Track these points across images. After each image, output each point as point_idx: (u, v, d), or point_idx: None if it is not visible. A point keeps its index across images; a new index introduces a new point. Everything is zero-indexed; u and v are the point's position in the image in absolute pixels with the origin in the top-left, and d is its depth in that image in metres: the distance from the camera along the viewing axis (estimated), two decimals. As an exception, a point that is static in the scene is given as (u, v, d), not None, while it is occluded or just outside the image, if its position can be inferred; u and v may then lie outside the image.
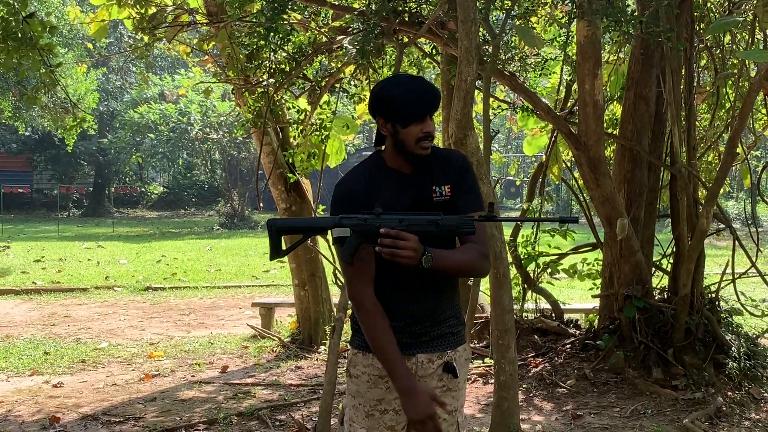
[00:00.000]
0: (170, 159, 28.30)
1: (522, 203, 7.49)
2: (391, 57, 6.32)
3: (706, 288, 5.95)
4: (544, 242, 7.08)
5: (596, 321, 6.33)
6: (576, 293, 9.90)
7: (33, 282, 11.72)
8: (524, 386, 5.61)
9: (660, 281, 6.20)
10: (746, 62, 6.17)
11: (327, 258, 6.45)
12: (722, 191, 6.37)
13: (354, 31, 5.44)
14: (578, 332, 6.49)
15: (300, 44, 5.90)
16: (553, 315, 6.90)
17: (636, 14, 5.01)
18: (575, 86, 5.81)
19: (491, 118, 5.62)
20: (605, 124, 5.86)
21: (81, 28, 14.36)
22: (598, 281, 6.41)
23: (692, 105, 5.75)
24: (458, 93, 4.14)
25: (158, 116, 24.12)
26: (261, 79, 6.01)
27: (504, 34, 5.43)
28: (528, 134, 7.48)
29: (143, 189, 34.41)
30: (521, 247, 6.85)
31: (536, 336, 6.51)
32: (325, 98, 6.30)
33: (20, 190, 29.42)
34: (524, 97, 5.85)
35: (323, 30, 5.92)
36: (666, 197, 6.21)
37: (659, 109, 5.85)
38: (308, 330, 7.21)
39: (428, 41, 6.20)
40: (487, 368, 5.97)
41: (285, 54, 5.83)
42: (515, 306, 6.41)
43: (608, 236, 5.73)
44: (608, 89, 6.58)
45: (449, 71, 6.00)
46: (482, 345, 6.52)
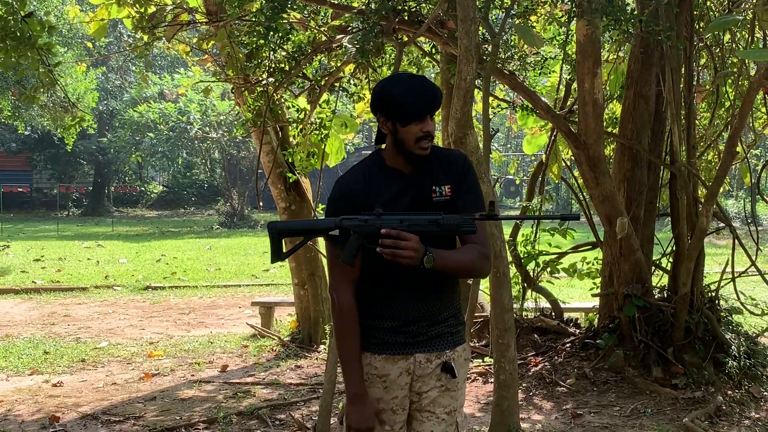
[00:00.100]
0: (170, 158, 28.33)
1: (522, 202, 7.49)
2: (391, 56, 6.32)
3: (706, 287, 5.96)
4: (544, 241, 7.08)
5: (596, 320, 6.33)
6: (576, 292, 9.90)
7: (33, 281, 11.72)
8: (524, 385, 5.61)
9: (660, 280, 6.21)
10: (746, 61, 6.17)
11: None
12: (722, 190, 6.37)
13: (353, 30, 5.44)
14: (578, 331, 6.50)
15: (299, 43, 5.90)
16: (553, 314, 6.91)
17: (635, 13, 5.01)
18: (575, 85, 5.82)
19: (491, 117, 5.62)
20: (605, 123, 5.86)
21: (80, 27, 14.36)
22: (598, 280, 6.41)
23: (692, 104, 5.74)
24: (458, 92, 4.13)
25: (158, 115, 24.12)
26: (260, 78, 6.00)
27: (503, 33, 5.43)
28: (528, 133, 7.48)
29: (143, 188, 34.42)
30: (521, 246, 6.85)
31: (536, 335, 6.51)
32: (325, 97, 6.30)
33: (20, 190, 29.46)
34: (524, 96, 5.85)
35: (323, 29, 5.91)
36: (666, 196, 6.21)
37: (659, 108, 5.85)
38: (308, 329, 7.21)
39: (428, 40, 6.20)
40: (487, 367, 5.98)
41: (284, 53, 5.83)
42: (515, 305, 6.41)
43: (608, 235, 5.73)
44: (608, 88, 6.58)
45: (449, 70, 6.00)
46: (482, 344, 6.52)
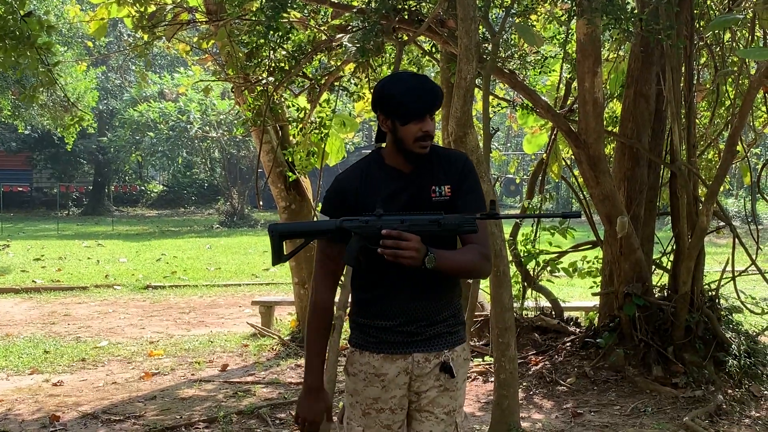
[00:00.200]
0: (170, 157, 28.34)
1: (522, 201, 7.49)
2: (391, 55, 6.32)
3: (706, 286, 5.96)
4: (544, 240, 7.07)
5: (596, 319, 6.33)
6: (576, 291, 9.90)
7: (33, 281, 11.72)
8: (524, 384, 5.61)
9: (660, 279, 6.21)
10: (746, 60, 6.17)
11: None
12: (722, 189, 6.37)
13: (353, 29, 5.44)
14: (578, 330, 6.50)
15: (299, 42, 5.90)
16: (553, 313, 6.91)
17: (636, 12, 5.01)
18: (575, 84, 5.81)
19: (491, 116, 5.62)
20: (605, 122, 5.86)
21: (80, 27, 14.36)
22: (598, 279, 6.41)
23: (692, 103, 5.74)
24: (458, 91, 4.13)
25: (158, 115, 24.13)
26: (260, 78, 6.00)
27: (504, 32, 5.43)
28: (528, 132, 7.48)
29: (143, 187, 34.43)
30: (521, 245, 6.85)
31: (536, 334, 6.51)
32: (325, 96, 6.30)
33: (20, 189, 29.43)
34: (524, 95, 5.85)
35: (323, 28, 5.91)
36: (666, 195, 6.21)
37: (659, 107, 5.85)
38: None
39: (428, 39, 6.20)
40: (487, 366, 5.98)
41: (284, 52, 5.83)
42: (515, 304, 6.41)
43: (608, 234, 5.73)
44: (608, 87, 6.57)
45: (449, 69, 5.99)
46: (482, 343, 6.52)
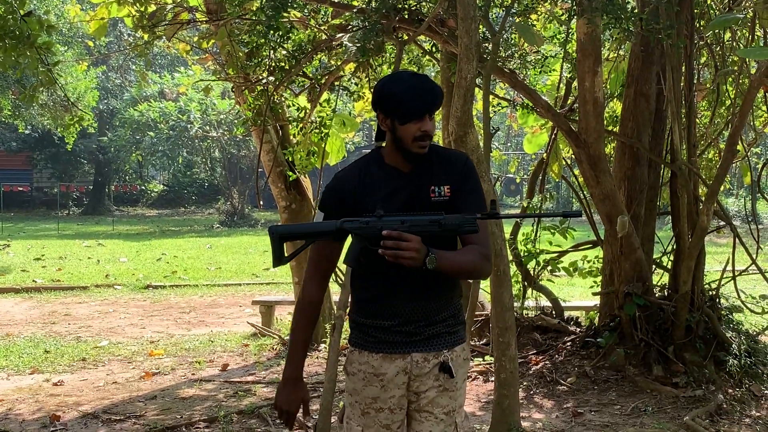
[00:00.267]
0: (170, 157, 28.35)
1: (522, 201, 7.49)
2: (391, 55, 6.31)
3: (707, 285, 5.95)
4: (545, 240, 7.07)
5: (597, 318, 6.33)
6: (576, 291, 9.90)
7: (33, 280, 11.72)
8: (525, 384, 5.61)
9: (660, 278, 6.20)
10: (746, 59, 6.16)
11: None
12: (722, 188, 6.37)
13: (353, 29, 5.43)
14: (579, 330, 6.50)
15: (300, 42, 5.89)
16: (554, 312, 6.91)
17: (636, 11, 5.01)
18: (575, 83, 5.81)
19: (491, 116, 5.62)
20: (605, 122, 5.85)
21: (80, 26, 14.35)
22: (599, 279, 6.41)
23: (692, 102, 5.74)
24: (458, 90, 4.13)
25: (158, 114, 24.13)
26: (261, 77, 6.00)
27: (504, 32, 5.43)
28: (528, 132, 7.48)
29: (143, 187, 34.43)
30: (521, 245, 6.85)
31: (537, 333, 6.51)
32: (325, 96, 6.30)
33: (20, 189, 29.44)
34: (524, 95, 5.85)
35: (323, 28, 5.91)
36: (666, 194, 6.20)
37: (659, 107, 5.85)
38: (308, 328, 7.20)
39: (428, 39, 6.19)
40: (488, 366, 5.98)
41: (285, 52, 5.83)
42: (515, 303, 6.41)
43: (608, 233, 5.73)
44: (608, 86, 6.57)
45: (449, 69, 5.99)
46: (483, 343, 6.52)
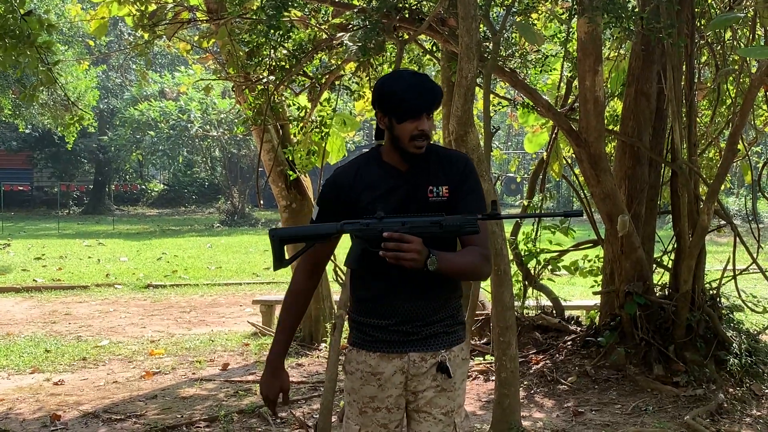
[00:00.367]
0: (170, 156, 28.36)
1: (522, 200, 7.49)
2: (392, 54, 6.31)
3: (707, 284, 5.95)
4: (545, 239, 7.07)
5: (597, 318, 6.33)
6: (577, 290, 9.90)
7: (34, 280, 11.72)
8: (525, 383, 5.61)
9: (661, 278, 6.20)
10: (747, 58, 6.16)
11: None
12: (723, 188, 6.36)
13: (354, 28, 5.43)
14: (579, 329, 6.50)
15: (300, 41, 5.89)
16: (554, 312, 6.91)
17: (637, 10, 5.00)
18: (576, 83, 5.81)
19: (492, 115, 5.62)
20: (606, 121, 5.85)
21: (81, 26, 14.36)
22: (599, 278, 6.41)
23: (693, 101, 5.74)
24: (459, 90, 4.13)
25: (158, 114, 24.14)
26: (261, 77, 6.00)
27: (504, 31, 5.43)
28: (529, 131, 7.47)
29: (143, 186, 34.45)
30: (522, 244, 6.85)
31: (537, 333, 6.51)
32: (325, 95, 6.30)
33: (20, 188, 29.46)
34: (525, 94, 5.84)
35: (323, 27, 5.91)
36: (667, 194, 6.20)
37: (660, 106, 5.85)
38: (309, 327, 7.21)
39: (429, 38, 6.19)
40: (488, 365, 5.98)
41: (285, 51, 5.82)
42: (516, 303, 6.41)
43: (609, 233, 5.72)
44: (609, 86, 6.57)
45: (450, 68, 5.99)
46: (483, 342, 6.52)
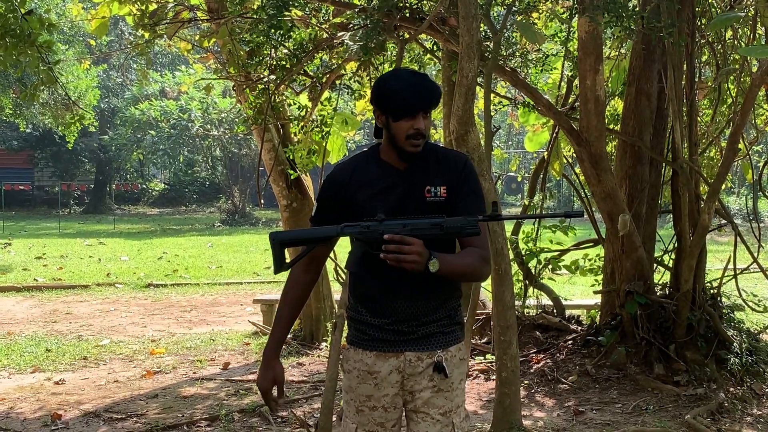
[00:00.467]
0: (171, 156, 28.34)
1: (523, 199, 7.49)
2: (392, 53, 6.31)
3: (708, 284, 5.95)
4: (546, 238, 7.07)
5: (598, 317, 6.33)
6: (577, 289, 9.89)
7: (34, 279, 11.73)
8: (526, 382, 5.62)
9: (662, 277, 6.20)
10: (748, 58, 6.16)
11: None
12: (724, 187, 6.36)
13: (355, 28, 5.43)
14: (580, 328, 6.50)
15: (301, 41, 5.89)
16: (555, 311, 6.91)
17: (637, 9, 5.00)
18: (576, 82, 5.81)
19: (492, 114, 5.62)
20: (606, 120, 5.85)
21: (82, 25, 14.36)
22: (600, 277, 6.41)
23: (694, 100, 5.74)
24: (459, 89, 4.13)
25: (159, 113, 24.14)
26: (262, 76, 6.00)
27: (505, 30, 5.43)
28: (529, 130, 7.47)
29: (144, 186, 34.44)
30: (523, 243, 6.85)
31: (538, 332, 6.51)
32: (326, 95, 6.30)
33: (21, 187, 29.45)
34: (525, 93, 5.84)
35: (324, 26, 5.91)
36: (667, 193, 6.20)
37: (661, 105, 5.84)
38: (310, 326, 7.22)
39: (429, 37, 6.19)
40: (489, 364, 5.98)
41: (286, 50, 5.82)
42: (517, 302, 6.41)
43: (610, 232, 5.72)
44: (610, 85, 6.57)
45: (450, 67, 5.99)
46: (484, 341, 6.53)
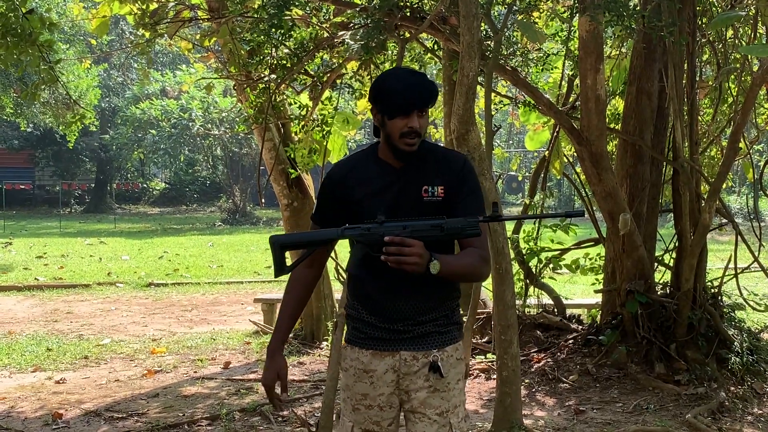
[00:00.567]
0: (172, 155, 28.36)
1: (524, 198, 7.49)
2: (393, 53, 6.31)
3: (709, 283, 5.95)
4: (546, 237, 7.07)
5: (599, 316, 6.33)
6: (578, 288, 9.89)
7: (35, 278, 11.74)
8: (527, 382, 5.62)
9: (662, 276, 6.20)
10: (749, 57, 6.15)
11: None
12: (725, 186, 6.36)
13: (355, 27, 5.43)
14: (581, 327, 6.50)
15: (301, 40, 5.89)
16: (556, 310, 6.90)
17: (638, 9, 5.00)
18: (577, 81, 5.80)
19: (493, 114, 5.62)
20: (607, 119, 5.85)
21: (82, 24, 14.36)
22: (601, 276, 6.41)
23: (695, 100, 5.74)
24: (460, 88, 4.13)
25: (160, 112, 24.15)
26: (263, 75, 6.00)
27: (506, 29, 5.43)
28: (530, 129, 7.47)
29: (145, 185, 34.46)
30: (523, 243, 6.85)
31: (539, 331, 6.51)
32: (327, 94, 6.29)
33: (22, 187, 29.47)
34: (526, 92, 5.84)
35: (325, 25, 5.91)
36: (668, 192, 6.20)
37: (662, 104, 5.84)
38: (310, 326, 7.22)
39: (430, 37, 6.19)
40: (490, 364, 5.98)
41: (286, 50, 5.82)
42: (517, 301, 6.41)
43: (610, 231, 5.72)
44: (610, 84, 6.56)
45: (451, 66, 5.99)
46: (485, 340, 6.53)
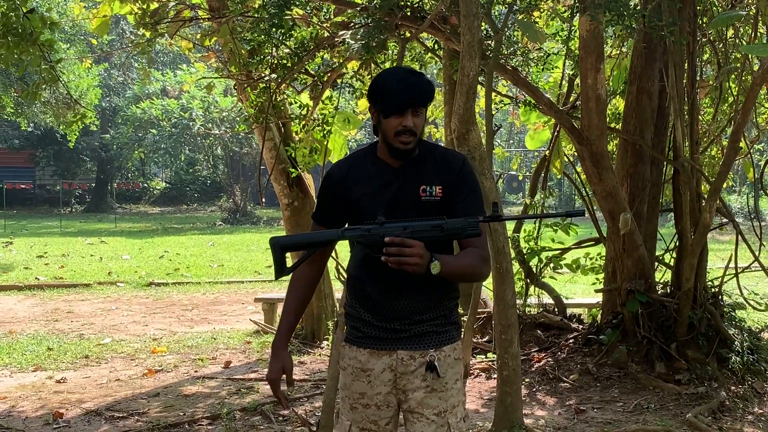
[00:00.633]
0: (172, 154, 28.35)
1: (524, 198, 7.49)
2: (393, 52, 6.31)
3: (709, 282, 5.95)
4: (547, 237, 7.07)
5: (599, 316, 6.33)
6: (579, 288, 9.89)
7: (36, 278, 11.74)
8: (527, 381, 5.62)
9: (663, 276, 6.20)
10: (749, 56, 6.15)
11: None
12: (725, 185, 6.36)
13: (356, 26, 5.43)
14: (581, 327, 6.50)
15: (302, 39, 5.89)
16: (556, 310, 6.91)
17: (639, 8, 5.00)
18: (578, 81, 5.81)
19: (494, 113, 5.62)
20: (608, 119, 5.85)
21: (83, 24, 14.37)
22: (601, 276, 6.41)
23: (695, 99, 5.73)
24: (461, 88, 4.13)
25: (160, 112, 24.14)
26: (263, 75, 6.00)
27: (506, 29, 5.42)
28: (530, 129, 7.47)
29: (145, 185, 34.45)
30: (524, 242, 6.85)
31: (539, 331, 6.51)
32: (327, 93, 6.30)
33: (23, 186, 29.46)
34: (527, 92, 5.84)
35: (325, 25, 5.91)
36: (669, 192, 6.20)
37: (662, 104, 5.84)
38: (311, 325, 7.22)
39: (430, 36, 6.19)
40: (490, 363, 5.98)
41: (287, 49, 5.82)
42: (518, 301, 6.41)
43: (611, 231, 5.72)
44: (611, 83, 6.56)
45: (451, 66, 5.99)
46: (485, 340, 6.53)
